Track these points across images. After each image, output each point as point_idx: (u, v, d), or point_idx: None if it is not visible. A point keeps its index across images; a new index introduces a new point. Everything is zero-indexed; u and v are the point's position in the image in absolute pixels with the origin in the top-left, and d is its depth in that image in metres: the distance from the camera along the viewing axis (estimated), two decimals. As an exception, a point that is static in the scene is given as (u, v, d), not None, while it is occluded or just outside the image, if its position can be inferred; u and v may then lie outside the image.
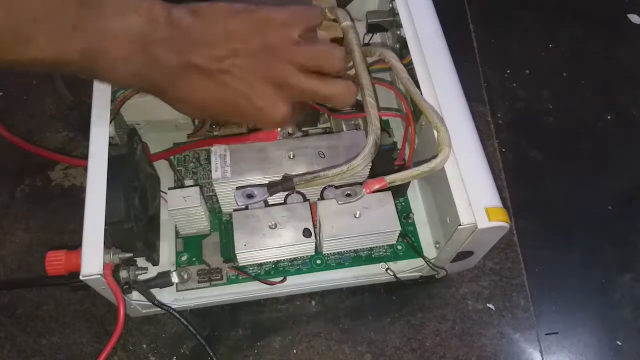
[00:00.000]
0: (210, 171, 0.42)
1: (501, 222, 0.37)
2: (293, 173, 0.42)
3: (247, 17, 0.35)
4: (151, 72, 0.33)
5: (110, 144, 0.39)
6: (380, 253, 0.46)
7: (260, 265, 0.45)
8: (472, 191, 0.37)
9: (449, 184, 0.38)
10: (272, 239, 0.42)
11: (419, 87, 0.41)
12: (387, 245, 0.46)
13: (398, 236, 0.44)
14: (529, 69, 0.64)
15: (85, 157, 0.38)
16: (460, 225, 0.37)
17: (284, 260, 0.45)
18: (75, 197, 0.52)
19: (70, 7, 0.30)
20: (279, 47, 0.35)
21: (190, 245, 0.46)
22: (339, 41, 0.46)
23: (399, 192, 0.48)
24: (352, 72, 0.45)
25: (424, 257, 0.45)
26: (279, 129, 0.43)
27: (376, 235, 0.43)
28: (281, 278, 0.45)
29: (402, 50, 0.47)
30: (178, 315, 0.41)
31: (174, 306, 0.42)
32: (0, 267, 0.49)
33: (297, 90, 0.36)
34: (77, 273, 0.35)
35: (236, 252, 0.41)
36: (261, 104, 0.35)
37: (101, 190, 0.37)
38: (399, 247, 0.47)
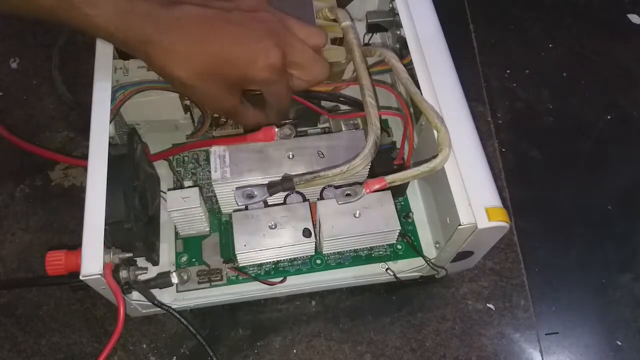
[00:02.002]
0: (210, 172, 0.42)
1: (501, 222, 0.37)
2: (293, 173, 0.42)
3: None
4: (135, 18, 0.33)
5: (110, 144, 0.39)
6: (380, 253, 0.46)
7: (260, 265, 0.45)
8: (472, 191, 0.37)
9: (449, 184, 0.38)
10: (272, 239, 0.42)
11: (419, 87, 0.41)
12: (387, 244, 0.46)
13: (398, 235, 0.44)
14: (529, 69, 0.64)
15: (85, 157, 0.38)
16: (460, 225, 0.37)
17: (284, 260, 0.45)
18: (75, 197, 0.52)
19: None
20: (267, 8, 0.38)
21: (190, 246, 0.46)
22: (339, 41, 0.46)
23: (398, 191, 0.48)
24: (353, 74, 0.45)
25: (423, 257, 0.45)
26: (276, 129, 0.43)
27: (376, 234, 0.43)
28: (281, 278, 0.45)
29: (402, 50, 0.47)
30: (178, 315, 0.41)
31: (174, 306, 0.42)
32: (0, 267, 0.49)
33: (287, 39, 0.38)
34: (77, 273, 0.35)
35: (236, 253, 0.41)
36: (254, 48, 0.36)
37: (101, 190, 0.37)
38: (399, 247, 0.47)
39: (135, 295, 0.42)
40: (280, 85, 0.40)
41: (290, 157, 0.43)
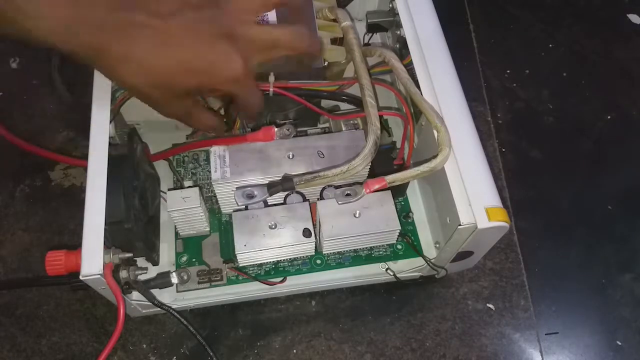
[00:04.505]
0: (210, 172, 0.42)
1: (501, 222, 0.37)
2: (293, 173, 0.42)
3: None
4: (84, 27, 0.31)
5: (110, 144, 0.39)
6: (380, 253, 0.46)
7: (260, 265, 0.45)
8: (472, 191, 0.37)
9: (449, 184, 0.38)
10: (272, 239, 0.42)
11: (419, 87, 0.41)
12: (387, 244, 0.46)
13: (398, 235, 0.44)
14: (529, 69, 0.64)
15: (85, 157, 0.38)
16: (460, 225, 0.37)
17: (284, 260, 0.45)
18: (75, 197, 0.52)
19: None
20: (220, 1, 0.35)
21: (190, 246, 0.46)
22: (339, 41, 0.46)
23: (398, 191, 0.48)
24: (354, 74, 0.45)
25: (423, 257, 0.45)
26: (276, 129, 0.43)
27: (376, 234, 0.43)
28: (281, 278, 0.45)
29: (402, 50, 0.47)
30: (178, 315, 0.41)
31: (174, 306, 0.42)
32: (0, 267, 0.49)
33: (247, 38, 0.35)
34: (77, 273, 0.35)
35: (236, 253, 0.41)
36: (213, 57, 0.34)
37: (101, 190, 0.37)
38: (399, 247, 0.47)
39: (135, 295, 0.42)
40: (247, 91, 0.38)
41: (290, 157, 0.43)
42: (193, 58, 0.34)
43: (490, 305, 0.48)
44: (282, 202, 0.44)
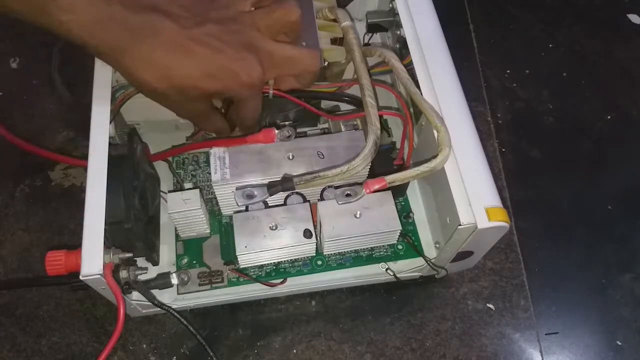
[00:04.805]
0: (210, 173, 0.42)
1: (501, 222, 0.37)
2: (292, 174, 0.42)
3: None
4: (113, 25, 0.32)
5: (110, 144, 0.39)
6: (381, 253, 0.46)
7: (261, 266, 0.45)
8: (472, 191, 0.37)
9: (449, 184, 0.38)
10: (272, 240, 0.42)
11: (419, 87, 0.41)
12: (388, 245, 0.46)
13: (398, 236, 0.44)
14: (529, 69, 0.64)
15: (85, 157, 0.38)
16: (460, 225, 0.37)
17: (284, 261, 0.45)
18: (75, 197, 0.52)
19: None
20: (239, 15, 0.38)
21: (191, 248, 0.46)
22: (339, 41, 0.46)
23: (398, 191, 0.48)
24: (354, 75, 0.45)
25: (424, 257, 0.45)
26: (276, 131, 0.43)
27: (377, 235, 0.43)
28: (282, 279, 0.45)
29: (402, 50, 0.47)
30: (178, 315, 0.41)
31: (174, 306, 0.42)
32: (0, 267, 0.49)
33: (265, 51, 0.38)
34: (77, 273, 0.35)
35: (237, 254, 0.41)
36: (234, 63, 0.36)
37: (101, 190, 0.37)
38: (400, 247, 0.47)
39: (135, 295, 0.42)
40: (257, 101, 0.40)
41: (290, 157, 0.43)
42: (215, 64, 0.36)
43: (490, 305, 0.48)
44: (283, 203, 0.44)
